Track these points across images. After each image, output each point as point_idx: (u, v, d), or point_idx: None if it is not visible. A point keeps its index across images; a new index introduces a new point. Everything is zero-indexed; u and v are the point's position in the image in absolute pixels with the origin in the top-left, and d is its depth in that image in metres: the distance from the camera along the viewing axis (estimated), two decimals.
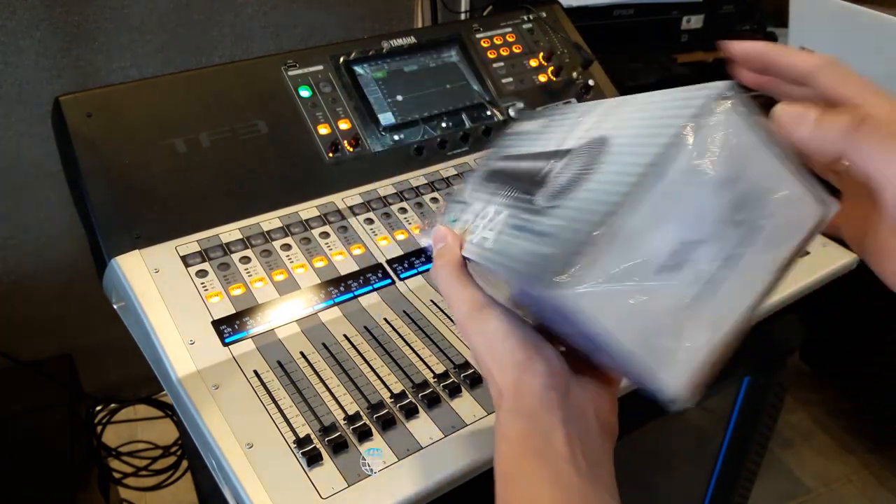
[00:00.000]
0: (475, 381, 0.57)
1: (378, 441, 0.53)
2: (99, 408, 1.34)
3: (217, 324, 0.60)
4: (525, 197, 0.38)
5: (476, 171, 0.48)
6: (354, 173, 0.76)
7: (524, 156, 0.44)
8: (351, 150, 0.77)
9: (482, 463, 0.52)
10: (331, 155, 0.76)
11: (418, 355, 0.60)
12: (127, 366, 1.16)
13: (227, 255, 0.66)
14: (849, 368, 1.63)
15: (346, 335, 0.62)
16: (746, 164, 0.32)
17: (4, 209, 1.29)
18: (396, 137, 0.80)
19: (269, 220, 0.70)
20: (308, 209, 0.72)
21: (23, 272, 1.36)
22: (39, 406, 1.08)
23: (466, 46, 0.89)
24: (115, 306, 0.66)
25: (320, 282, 0.66)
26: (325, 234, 0.70)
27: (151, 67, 1.31)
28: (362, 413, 0.54)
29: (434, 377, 0.58)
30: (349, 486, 0.49)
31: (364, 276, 0.67)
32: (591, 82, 0.92)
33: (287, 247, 0.68)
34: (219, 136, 0.72)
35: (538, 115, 0.48)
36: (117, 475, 1.31)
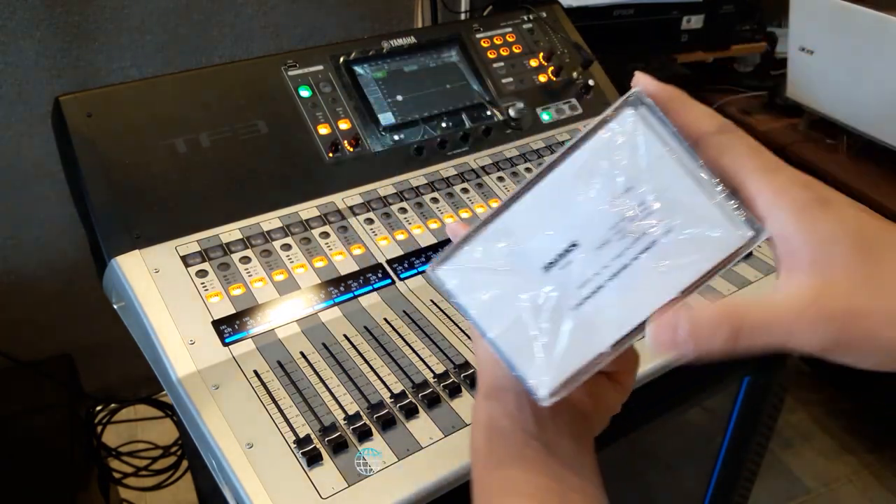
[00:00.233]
0: (475, 381, 0.57)
1: (378, 441, 0.53)
2: (99, 408, 1.33)
3: (217, 324, 0.60)
4: None
5: None
6: (354, 173, 0.76)
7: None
8: (351, 150, 0.77)
9: None
10: (331, 155, 0.76)
11: (418, 355, 0.60)
12: (127, 366, 1.16)
13: (227, 255, 0.66)
14: (849, 368, 1.62)
15: (346, 335, 0.62)
16: (650, 176, 0.30)
17: (4, 209, 1.29)
18: (396, 137, 0.80)
19: (269, 220, 0.70)
20: (308, 209, 0.72)
21: (23, 272, 1.36)
22: (39, 406, 1.08)
23: (466, 46, 0.89)
24: (115, 306, 0.66)
25: (320, 282, 0.66)
26: (325, 234, 0.70)
27: (151, 67, 1.31)
28: (362, 413, 0.54)
29: (434, 377, 0.58)
30: (349, 485, 0.49)
31: (364, 276, 0.67)
32: (591, 82, 0.92)
33: (287, 247, 0.68)
34: (219, 136, 0.72)
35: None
36: (117, 475, 1.31)
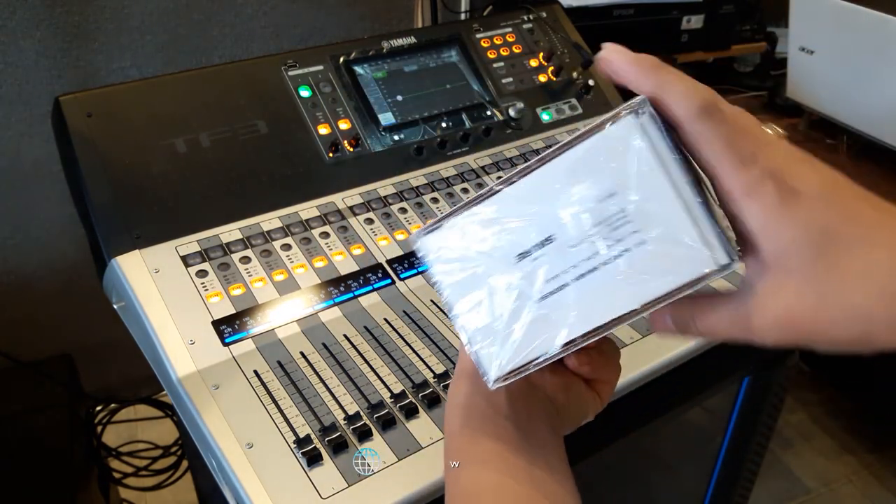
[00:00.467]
0: None
1: (378, 441, 0.53)
2: (99, 408, 1.33)
3: (217, 324, 0.60)
4: None
5: None
6: (354, 173, 0.76)
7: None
8: (351, 150, 0.77)
9: None
10: (331, 155, 0.76)
11: (418, 355, 0.60)
12: (127, 366, 1.16)
13: (227, 255, 0.66)
14: (849, 368, 1.63)
15: (346, 335, 0.62)
16: (637, 184, 0.30)
17: (4, 209, 1.29)
18: (396, 137, 0.80)
19: (269, 220, 0.70)
20: (308, 209, 0.72)
21: (23, 272, 1.36)
22: (39, 406, 1.08)
23: (466, 46, 0.89)
24: (115, 306, 0.66)
25: (320, 282, 0.66)
26: (325, 234, 0.70)
27: (151, 67, 1.31)
28: (362, 413, 0.54)
29: (434, 377, 0.58)
30: (349, 485, 0.49)
31: (364, 276, 0.67)
32: (591, 82, 0.92)
33: (287, 247, 0.68)
34: (219, 136, 0.72)
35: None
36: (117, 475, 1.31)
